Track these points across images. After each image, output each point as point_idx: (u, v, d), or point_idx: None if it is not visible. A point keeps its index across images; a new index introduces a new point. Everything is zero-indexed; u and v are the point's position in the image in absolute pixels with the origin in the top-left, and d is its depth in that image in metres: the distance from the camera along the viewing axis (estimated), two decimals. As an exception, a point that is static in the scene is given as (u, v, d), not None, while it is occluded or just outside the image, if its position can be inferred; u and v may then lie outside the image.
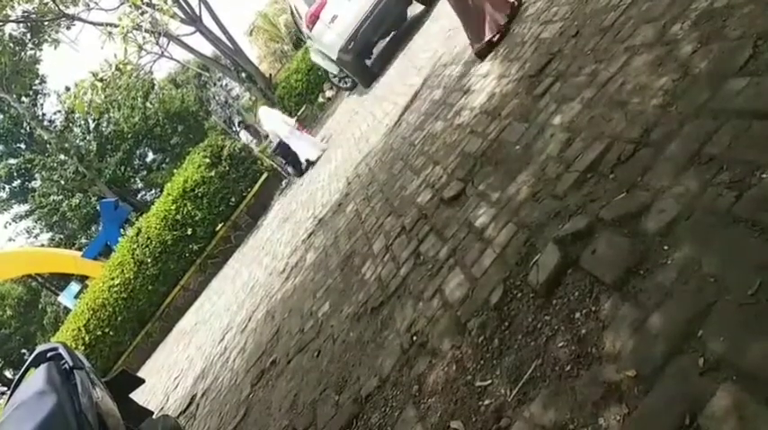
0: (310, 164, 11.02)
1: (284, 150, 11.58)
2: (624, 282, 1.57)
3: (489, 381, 1.79)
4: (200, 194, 12.72)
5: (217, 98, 42.28)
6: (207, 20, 22.36)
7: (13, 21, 23.54)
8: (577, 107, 2.66)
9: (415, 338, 2.42)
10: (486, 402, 1.73)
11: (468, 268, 2.45)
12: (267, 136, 13.75)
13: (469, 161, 3.38)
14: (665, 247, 1.54)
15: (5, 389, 31.34)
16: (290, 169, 12.09)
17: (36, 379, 2.50)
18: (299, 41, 17.70)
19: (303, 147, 11.09)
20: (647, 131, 2.03)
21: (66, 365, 2.59)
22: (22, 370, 2.91)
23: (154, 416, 3.15)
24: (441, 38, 7.73)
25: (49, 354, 2.69)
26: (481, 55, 4.70)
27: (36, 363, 2.74)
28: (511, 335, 1.87)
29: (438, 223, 3.13)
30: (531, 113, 3.08)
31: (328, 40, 9.47)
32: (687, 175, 1.68)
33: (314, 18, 9.71)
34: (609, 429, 1.30)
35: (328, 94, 19.17)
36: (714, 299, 1.30)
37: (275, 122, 11.47)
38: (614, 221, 1.79)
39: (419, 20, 10.92)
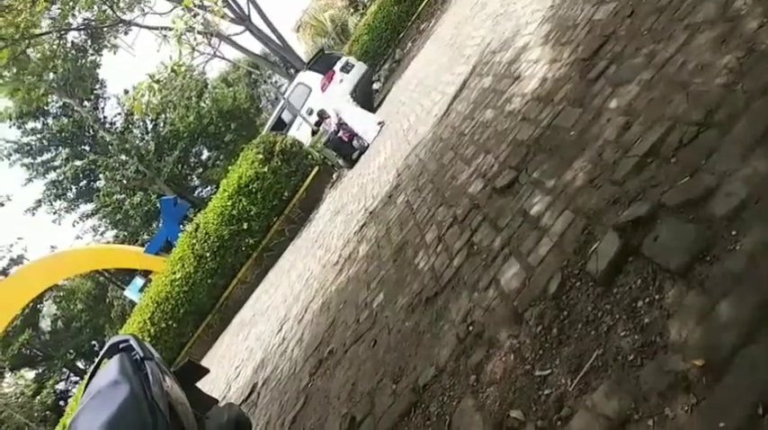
0: (366, 147, 11.24)
1: (335, 143, 11.71)
2: (689, 269, 1.53)
3: (549, 371, 1.77)
4: (254, 190, 13.00)
5: (267, 95, 43.08)
6: (255, 18, 22.80)
7: (74, 29, 24.69)
8: (635, 90, 2.57)
9: (470, 328, 2.42)
10: (547, 392, 1.72)
11: (524, 257, 2.43)
12: (317, 130, 14.02)
13: (522, 149, 3.34)
14: (734, 232, 1.49)
15: (78, 378, 33.11)
16: (340, 161, 12.22)
17: (110, 369, 2.62)
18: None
19: (361, 119, 11.47)
20: (710, 112, 1.95)
21: (137, 356, 2.70)
22: (97, 360, 3.05)
23: (219, 405, 3.26)
24: (488, 24, 7.61)
25: (120, 346, 2.81)
26: None
27: (109, 354, 2.87)
28: (570, 324, 1.84)
29: (491, 212, 3.10)
30: (586, 98, 3.00)
31: (338, 92, 14.73)
32: (755, 157, 1.61)
33: (327, 82, 15.72)
34: (676, 419, 1.27)
35: (375, 86, 19.23)
36: (788, 285, 1.25)
37: (334, 98, 12.15)
38: (678, 207, 1.73)
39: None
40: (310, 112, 15.43)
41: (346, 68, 16.26)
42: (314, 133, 15.25)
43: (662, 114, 2.22)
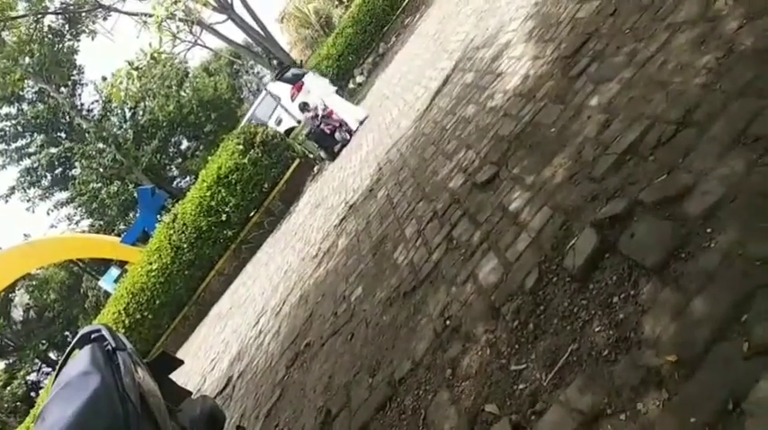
0: (347, 141, 11.22)
1: (317, 135, 11.65)
2: (665, 266, 1.54)
3: (524, 365, 1.78)
4: (233, 181, 12.85)
5: (249, 86, 42.69)
6: (238, 7, 22.54)
7: (51, 12, 24.15)
8: (615, 88, 2.59)
9: (448, 322, 2.42)
10: (522, 386, 1.73)
11: (502, 253, 2.43)
12: (300, 121, 14.00)
13: (503, 144, 3.34)
14: (709, 230, 1.50)
15: (50, 369, 32.56)
16: (322, 154, 12.16)
17: (80, 359, 2.56)
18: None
19: (347, 108, 11.47)
20: (689, 111, 1.97)
21: (109, 346, 2.65)
22: (67, 350, 2.99)
23: (193, 397, 3.22)
24: (472, 20, 7.61)
25: (92, 336, 2.76)
26: None
27: (80, 344, 2.81)
28: (546, 319, 1.85)
29: (471, 207, 3.11)
30: (567, 95, 3.01)
31: (313, 97, 14.12)
32: (732, 156, 1.63)
33: (296, 92, 15.03)
34: (648, 414, 1.28)
35: (359, 79, 19.15)
36: (760, 282, 1.26)
37: (321, 87, 12.07)
38: (655, 204, 1.75)
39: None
40: (279, 122, 15.99)
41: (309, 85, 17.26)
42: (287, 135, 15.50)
43: (641, 113, 2.23)
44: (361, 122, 11.25)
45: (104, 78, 31.09)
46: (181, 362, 3.38)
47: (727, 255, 1.40)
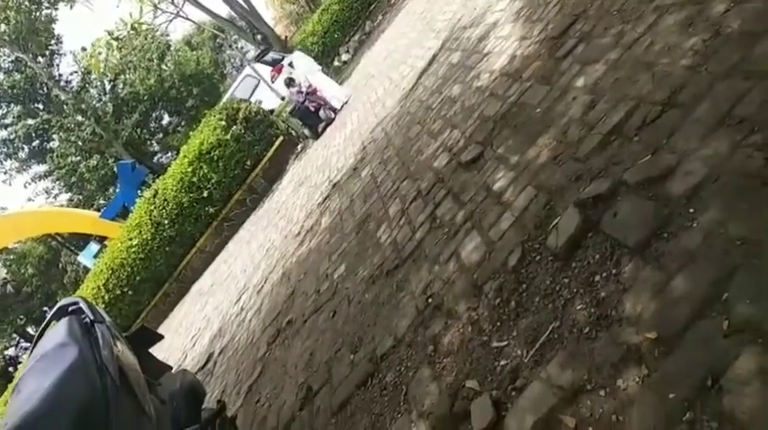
0: (332, 119, 11.16)
1: (302, 112, 11.53)
2: (647, 245, 1.55)
3: (506, 343, 1.79)
4: (215, 157, 12.71)
5: (232, 61, 42.01)
6: (222, -20, 22.05)
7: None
8: (602, 69, 2.59)
9: (430, 300, 2.43)
10: (503, 363, 1.74)
11: (485, 231, 2.44)
12: (284, 97, 13.85)
13: (488, 124, 3.33)
14: (691, 210, 1.51)
15: (28, 344, 32.24)
16: (306, 131, 12.05)
17: (57, 331, 2.52)
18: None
19: (331, 87, 11.48)
20: (674, 93, 1.97)
21: (87, 319, 2.61)
22: (44, 323, 2.95)
23: (173, 371, 3.21)
24: (460, 0, 7.55)
25: (70, 308, 2.72)
26: None
27: (57, 317, 2.77)
28: (528, 297, 1.86)
29: (455, 187, 3.10)
30: (554, 75, 3.00)
31: (298, 74, 14.31)
32: (716, 137, 1.63)
33: (276, 74, 15.70)
34: (627, 390, 1.30)
35: (344, 57, 18.96)
36: (741, 261, 1.28)
37: (307, 64, 12.01)
38: (638, 184, 1.76)
39: None
40: (259, 104, 16.00)
41: (293, 65, 17.22)
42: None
43: (627, 94, 2.23)
44: (345, 102, 11.18)
45: (83, 49, 30.32)
46: (161, 337, 3.35)
47: (709, 234, 1.41)
